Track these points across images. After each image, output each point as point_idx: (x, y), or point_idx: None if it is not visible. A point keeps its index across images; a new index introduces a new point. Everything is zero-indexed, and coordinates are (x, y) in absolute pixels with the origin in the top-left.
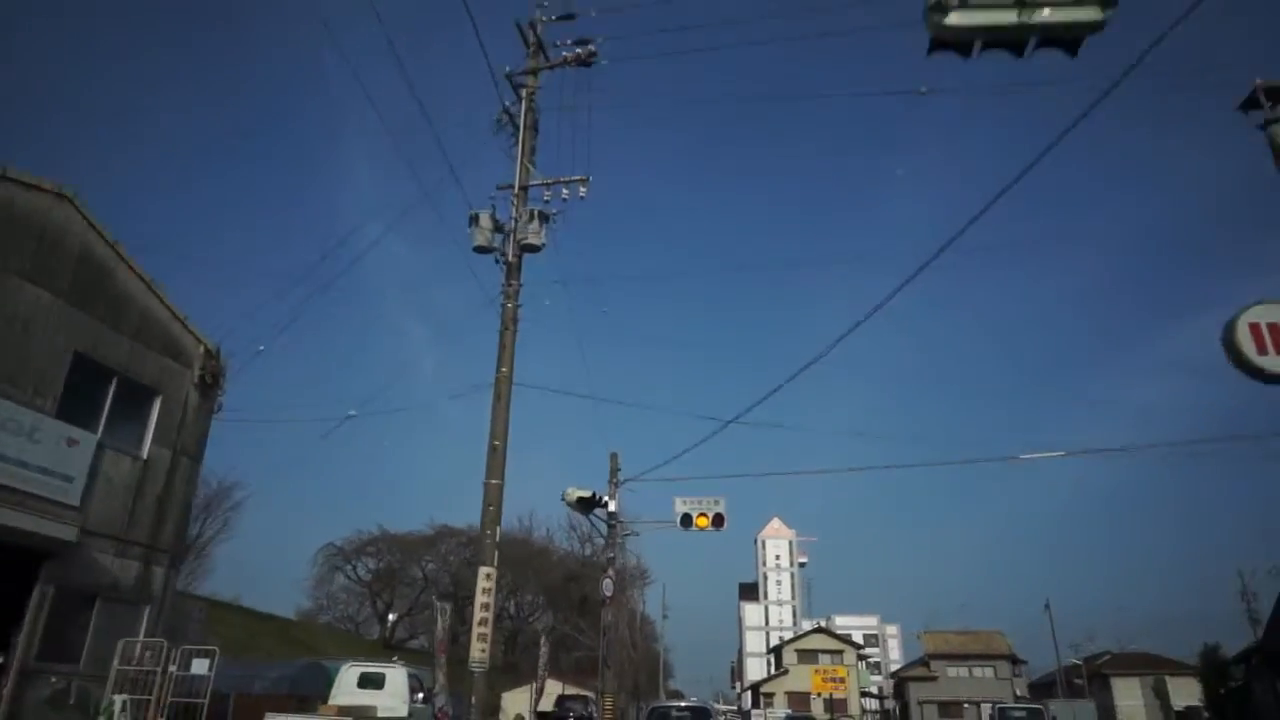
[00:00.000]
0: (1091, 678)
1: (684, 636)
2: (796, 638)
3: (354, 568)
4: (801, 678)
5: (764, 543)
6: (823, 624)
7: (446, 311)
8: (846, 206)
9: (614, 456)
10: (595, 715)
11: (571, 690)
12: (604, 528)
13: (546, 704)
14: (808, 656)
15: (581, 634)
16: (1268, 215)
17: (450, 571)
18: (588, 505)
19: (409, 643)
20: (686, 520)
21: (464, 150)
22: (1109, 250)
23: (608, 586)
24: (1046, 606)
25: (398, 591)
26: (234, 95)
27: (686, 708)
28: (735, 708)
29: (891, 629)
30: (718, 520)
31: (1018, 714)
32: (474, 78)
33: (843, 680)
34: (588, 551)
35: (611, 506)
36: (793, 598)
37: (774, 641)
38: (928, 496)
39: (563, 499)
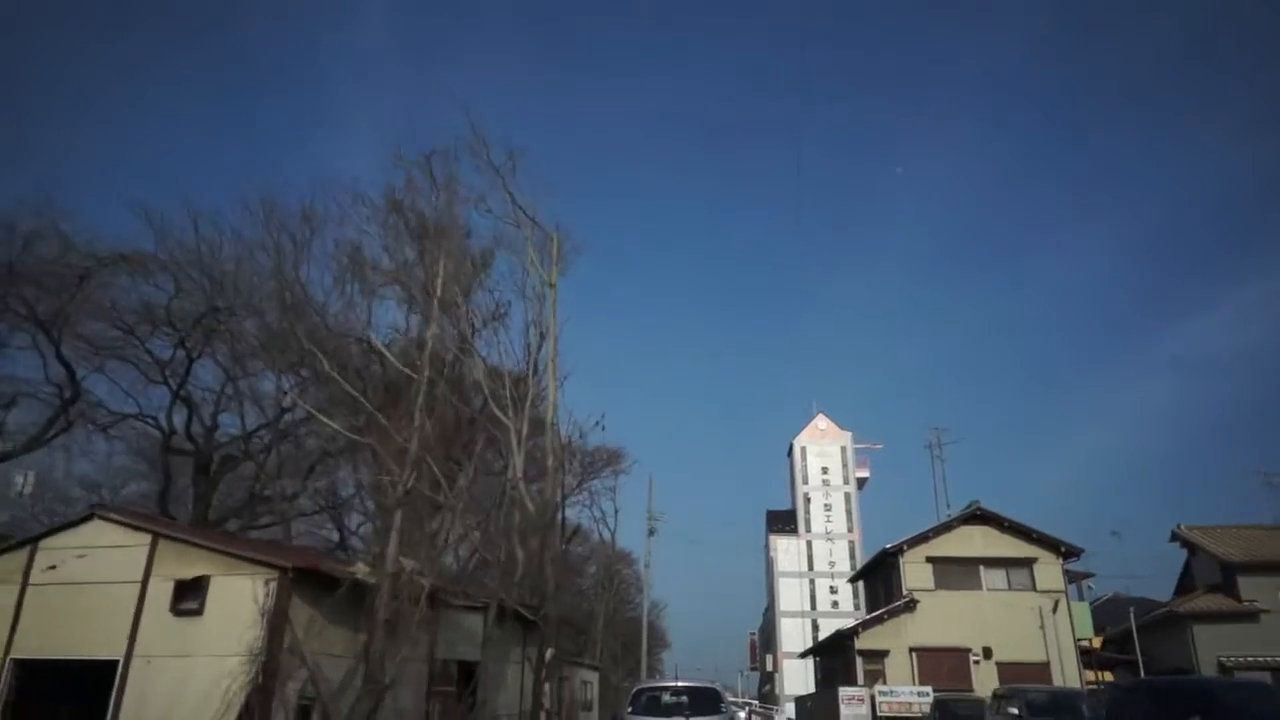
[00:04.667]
0: None
1: (678, 614)
2: (930, 533)
3: None
4: (954, 615)
5: (803, 450)
6: (985, 506)
7: None
8: None
9: None
10: None
11: None
12: None
13: None
14: (958, 574)
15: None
16: None
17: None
18: None
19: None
20: None
21: None
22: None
23: None
24: None
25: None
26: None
27: (686, 689)
28: (755, 700)
29: None
30: None
31: None
32: None
33: None
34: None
35: None
36: (849, 529)
37: (823, 593)
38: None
39: None
